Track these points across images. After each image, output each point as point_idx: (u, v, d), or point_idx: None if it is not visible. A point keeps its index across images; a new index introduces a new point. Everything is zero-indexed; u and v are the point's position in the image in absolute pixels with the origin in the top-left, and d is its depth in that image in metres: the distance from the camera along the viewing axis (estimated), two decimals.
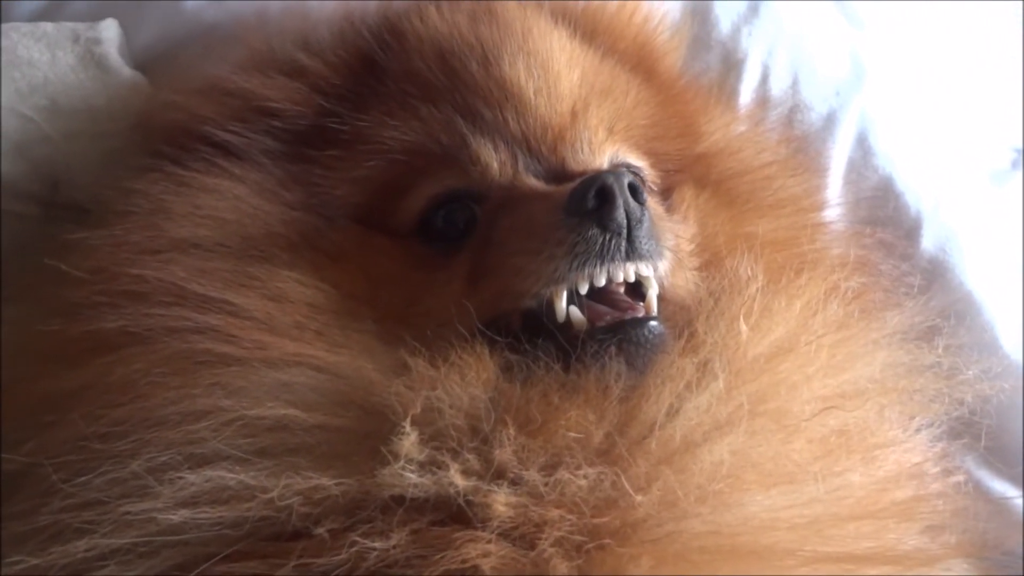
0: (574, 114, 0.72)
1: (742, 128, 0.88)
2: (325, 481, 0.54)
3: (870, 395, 0.63)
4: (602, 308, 0.62)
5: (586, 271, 0.61)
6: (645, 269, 0.63)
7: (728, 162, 0.82)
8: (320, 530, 0.53)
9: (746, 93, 0.98)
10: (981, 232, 0.97)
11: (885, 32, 1.08)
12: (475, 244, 0.66)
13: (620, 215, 0.60)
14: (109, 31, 0.83)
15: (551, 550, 0.52)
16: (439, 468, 0.54)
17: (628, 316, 0.62)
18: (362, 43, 0.77)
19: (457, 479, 0.54)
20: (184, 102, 0.74)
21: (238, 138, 0.71)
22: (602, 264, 0.61)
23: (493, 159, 0.69)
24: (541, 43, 0.74)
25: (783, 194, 0.82)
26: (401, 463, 0.54)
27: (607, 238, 0.60)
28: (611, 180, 0.61)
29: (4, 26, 0.81)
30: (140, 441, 0.57)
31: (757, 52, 0.99)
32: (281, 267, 0.64)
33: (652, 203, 0.67)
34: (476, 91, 0.71)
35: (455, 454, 0.55)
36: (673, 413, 0.57)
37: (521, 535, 0.54)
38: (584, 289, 0.61)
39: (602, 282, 0.61)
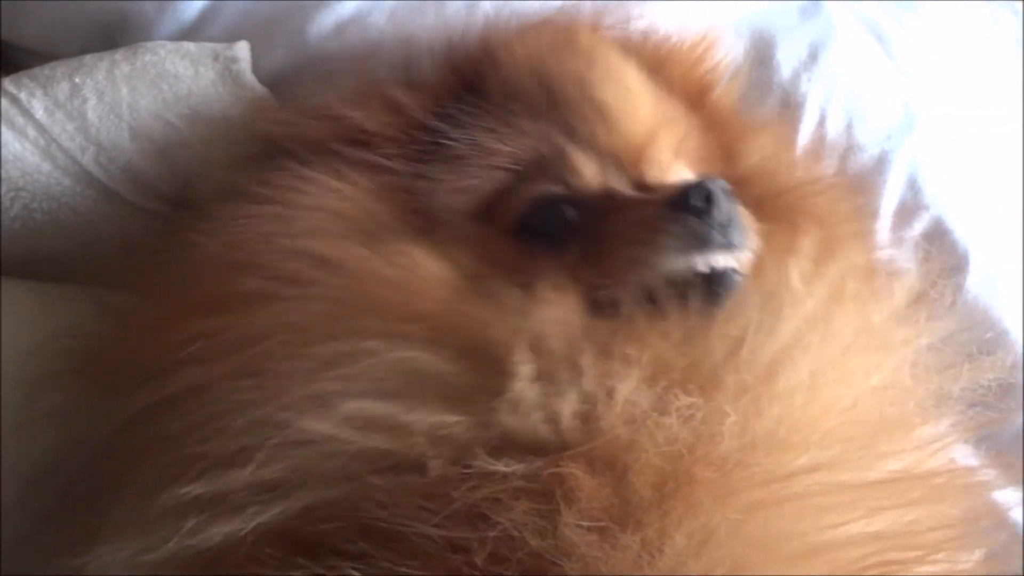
0: (650, 136, 0.81)
1: (774, 149, 0.94)
2: (447, 418, 0.59)
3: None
4: None
5: (690, 257, 0.69)
6: (734, 260, 0.71)
7: (765, 183, 0.88)
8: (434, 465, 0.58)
9: (804, 134, 1.04)
10: (1016, 274, 1.02)
11: (932, 81, 1.14)
12: (581, 240, 0.74)
13: (720, 213, 0.70)
14: (243, 52, 0.91)
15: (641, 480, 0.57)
16: (547, 404, 0.59)
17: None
18: (462, 70, 0.86)
19: (565, 413, 0.59)
20: (302, 120, 0.82)
21: (348, 152, 0.78)
22: (703, 252, 0.70)
23: (588, 168, 0.77)
24: (622, 73, 0.84)
25: (819, 210, 0.88)
26: (518, 392, 0.59)
27: (709, 230, 0.70)
28: (715, 186, 0.71)
29: (150, 44, 0.90)
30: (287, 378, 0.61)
31: (815, 97, 1.06)
32: (404, 244, 0.71)
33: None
34: (572, 109, 0.80)
35: (561, 387, 0.60)
36: (755, 335, 0.64)
37: (611, 465, 0.58)
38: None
39: (704, 269, 0.69)
